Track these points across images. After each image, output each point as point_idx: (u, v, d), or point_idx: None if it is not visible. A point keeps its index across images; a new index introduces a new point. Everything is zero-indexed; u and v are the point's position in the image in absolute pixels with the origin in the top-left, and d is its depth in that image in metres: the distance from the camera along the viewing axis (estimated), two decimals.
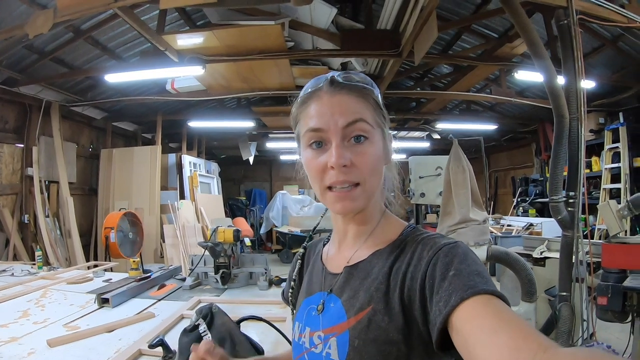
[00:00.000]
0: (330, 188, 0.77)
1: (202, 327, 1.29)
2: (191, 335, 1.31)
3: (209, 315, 1.31)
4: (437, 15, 3.62)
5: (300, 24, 4.65)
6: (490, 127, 8.73)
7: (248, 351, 1.26)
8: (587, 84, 3.06)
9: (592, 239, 5.43)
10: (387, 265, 0.77)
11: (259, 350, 1.30)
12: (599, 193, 6.40)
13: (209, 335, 1.29)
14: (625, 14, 3.46)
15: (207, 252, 2.96)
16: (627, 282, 2.52)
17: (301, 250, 1.05)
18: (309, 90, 0.81)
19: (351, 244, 0.87)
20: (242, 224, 9.56)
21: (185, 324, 2.00)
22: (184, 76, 5.64)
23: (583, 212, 3.03)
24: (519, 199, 9.26)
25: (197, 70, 4.78)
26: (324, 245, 0.99)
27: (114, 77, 5.05)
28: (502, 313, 0.58)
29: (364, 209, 0.82)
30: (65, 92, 6.12)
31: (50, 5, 3.85)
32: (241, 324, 1.39)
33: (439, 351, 0.65)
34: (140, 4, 3.98)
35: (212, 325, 1.29)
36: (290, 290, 1.01)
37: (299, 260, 1.04)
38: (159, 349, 1.55)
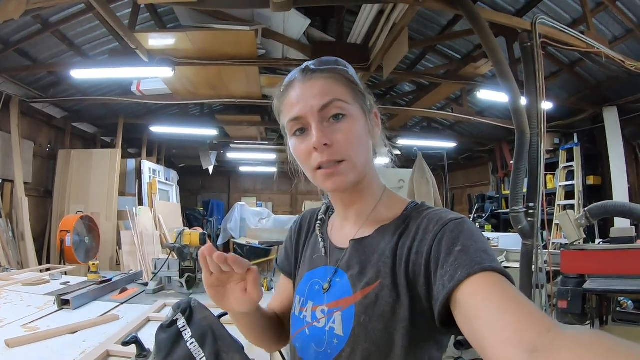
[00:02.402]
0: (319, 167, 0.78)
1: (181, 321, 1.25)
2: (169, 330, 1.27)
3: (188, 309, 1.27)
4: None
5: (273, 32, 4.69)
6: (449, 145, 8.95)
7: (231, 346, 1.24)
8: (546, 105, 3.26)
9: None
10: (393, 241, 0.76)
11: (239, 346, 1.28)
12: (554, 209, 6.69)
13: (189, 330, 1.26)
14: (584, 40, 3.70)
15: (170, 257, 2.90)
16: (587, 285, 2.66)
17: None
18: (286, 82, 0.83)
19: (354, 222, 0.87)
20: None
21: (153, 326, 1.95)
22: (151, 78, 5.54)
23: (541, 227, 3.19)
24: (475, 215, 9.53)
25: (166, 71, 4.71)
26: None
27: (81, 73, 4.90)
28: (508, 291, 0.57)
29: (359, 185, 0.82)
30: (27, 87, 5.85)
31: None
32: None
33: (440, 327, 0.64)
34: None
35: (192, 320, 1.25)
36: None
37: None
38: (130, 350, 1.50)
